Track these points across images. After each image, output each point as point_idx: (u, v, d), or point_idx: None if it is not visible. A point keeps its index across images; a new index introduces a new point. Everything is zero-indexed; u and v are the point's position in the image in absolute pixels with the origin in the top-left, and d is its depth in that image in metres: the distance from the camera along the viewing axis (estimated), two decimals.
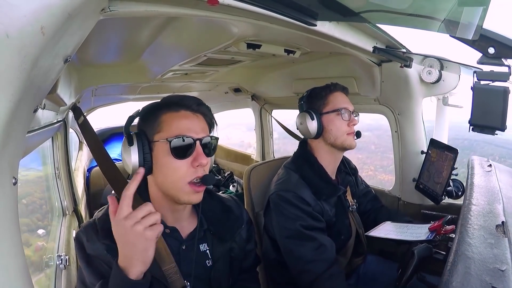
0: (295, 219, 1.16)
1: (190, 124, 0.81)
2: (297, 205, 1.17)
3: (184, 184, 0.79)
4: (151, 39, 1.12)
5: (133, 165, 0.79)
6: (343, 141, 1.23)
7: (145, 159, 0.79)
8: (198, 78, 2.08)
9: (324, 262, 1.13)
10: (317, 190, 1.22)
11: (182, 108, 0.82)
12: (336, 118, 1.23)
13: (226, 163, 3.39)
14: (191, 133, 0.80)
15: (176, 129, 0.79)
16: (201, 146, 0.81)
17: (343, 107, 1.24)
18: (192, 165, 0.79)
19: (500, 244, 0.72)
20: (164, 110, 0.82)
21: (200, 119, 0.84)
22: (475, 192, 1.03)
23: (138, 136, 0.80)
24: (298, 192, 1.18)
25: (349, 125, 1.23)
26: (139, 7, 0.53)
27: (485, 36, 0.80)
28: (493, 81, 0.93)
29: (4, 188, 0.38)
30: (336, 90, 1.28)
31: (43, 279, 1.31)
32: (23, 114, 0.44)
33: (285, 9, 0.65)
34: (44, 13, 0.34)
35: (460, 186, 1.39)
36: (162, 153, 0.79)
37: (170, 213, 0.86)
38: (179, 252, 0.85)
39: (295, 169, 1.28)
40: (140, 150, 0.79)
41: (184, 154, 0.79)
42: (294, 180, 1.24)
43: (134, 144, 0.78)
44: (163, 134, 0.79)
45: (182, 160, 0.79)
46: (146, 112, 0.85)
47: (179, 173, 0.79)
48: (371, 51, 1.15)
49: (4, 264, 0.37)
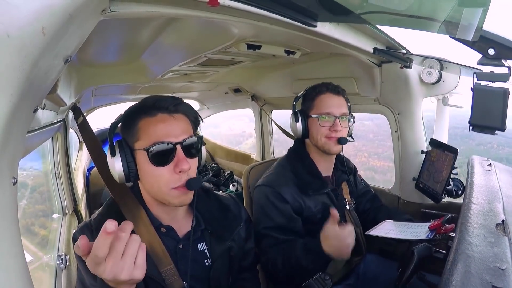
0: (265, 217, 1.20)
1: (167, 128, 0.77)
2: (273, 202, 1.20)
3: (169, 190, 0.78)
4: (151, 39, 1.12)
5: (119, 176, 0.77)
6: (322, 144, 1.25)
7: (129, 168, 0.77)
8: (198, 78, 2.08)
9: (280, 256, 1.14)
10: (304, 184, 1.25)
11: (158, 111, 0.78)
12: (318, 122, 1.24)
13: (226, 162, 3.39)
14: (170, 138, 0.77)
15: (153, 136, 0.76)
16: (182, 149, 0.77)
17: (326, 112, 1.24)
18: (175, 171, 0.77)
19: (500, 243, 0.72)
20: (141, 116, 0.79)
21: (179, 120, 0.80)
22: (475, 191, 1.03)
23: (120, 145, 0.78)
24: (278, 189, 1.21)
25: (330, 129, 1.23)
26: (140, 8, 0.53)
27: (485, 37, 0.80)
28: (493, 82, 0.93)
29: (4, 188, 0.38)
30: (323, 92, 1.27)
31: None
32: (23, 114, 0.44)
33: (285, 11, 0.65)
34: (45, 14, 0.34)
35: (460, 185, 1.39)
36: (144, 162, 0.77)
37: (165, 213, 0.86)
38: (176, 251, 0.85)
39: (287, 163, 1.32)
40: (123, 160, 0.77)
41: (164, 161, 0.76)
42: (280, 175, 1.27)
43: (117, 154, 0.77)
44: (141, 143, 0.77)
45: (164, 167, 0.76)
46: (125, 118, 0.82)
47: (162, 180, 0.77)
48: (371, 52, 1.15)
49: (4, 264, 0.37)
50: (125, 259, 0.57)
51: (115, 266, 0.56)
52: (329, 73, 1.73)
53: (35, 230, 1.57)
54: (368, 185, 1.55)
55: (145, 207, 0.85)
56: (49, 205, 1.69)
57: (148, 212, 0.85)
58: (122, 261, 0.57)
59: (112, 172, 0.79)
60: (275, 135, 2.76)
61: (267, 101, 2.50)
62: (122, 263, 0.57)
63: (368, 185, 1.55)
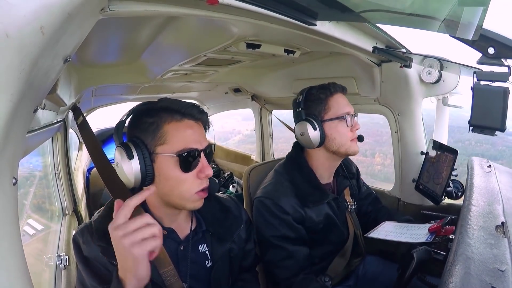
0: (268, 227, 1.16)
1: (194, 135, 0.79)
2: (274, 213, 1.15)
3: (191, 195, 0.79)
4: (150, 39, 1.12)
5: (136, 179, 0.75)
6: (347, 148, 1.18)
7: (147, 172, 0.75)
8: (198, 78, 2.08)
9: (288, 270, 1.14)
10: (303, 195, 1.19)
11: (185, 117, 0.79)
12: (340, 125, 1.17)
13: (225, 163, 3.39)
14: (196, 145, 0.78)
15: (182, 141, 0.76)
16: (205, 155, 0.80)
17: (346, 112, 1.17)
18: (199, 177, 0.79)
19: (500, 245, 0.72)
20: (166, 119, 0.78)
21: (201, 128, 0.83)
22: (475, 192, 1.03)
23: (137, 146, 0.75)
24: (277, 200, 1.15)
25: (352, 130, 1.18)
26: (139, 7, 0.53)
27: (485, 36, 0.80)
28: (493, 81, 0.93)
29: (4, 188, 0.38)
30: (336, 91, 1.20)
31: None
32: (23, 114, 0.44)
33: (284, 9, 0.65)
34: (43, 13, 0.34)
35: (460, 187, 1.39)
36: (167, 166, 0.76)
37: (167, 216, 0.86)
38: (177, 253, 0.85)
39: (285, 172, 1.25)
40: (141, 163, 0.74)
41: (191, 166, 0.78)
42: (279, 185, 1.21)
43: (135, 157, 0.74)
44: (168, 147, 0.76)
45: (189, 173, 0.78)
46: (141, 118, 0.79)
47: (186, 185, 0.78)
48: (371, 51, 1.15)
49: (4, 264, 0.37)
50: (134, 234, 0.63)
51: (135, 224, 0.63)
52: (329, 72, 1.73)
53: (45, 207, 1.81)
54: (369, 188, 1.55)
55: (146, 209, 0.84)
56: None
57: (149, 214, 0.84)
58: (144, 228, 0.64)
59: (124, 174, 0.75)
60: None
61: (267, 101, 2.50)
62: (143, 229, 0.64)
63: (370, 188, 1.55)
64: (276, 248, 1.15)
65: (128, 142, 0.77)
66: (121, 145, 0.76)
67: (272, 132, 2.74)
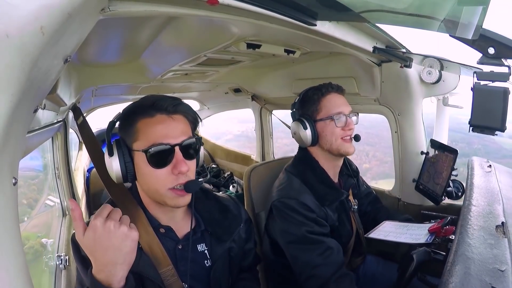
0: (300, 225, 1.13)
1: (166, 130, 0.77)
2: (301, 212, 1.13)
3: (166, 191, 0.78)
4: (151, 39, 1.12)
5: (117, 176, 0.78)
6: (338, 146, 1.19)
7: (127, 169, 0.77)
8: (198, 78, 2.08)
9: (331, 266, 1.09)
10: (320, 196, 1.18)
11: (157, 112, 0.78)
12: (331, 125, 1.18)
13: (226, 163, 3.39)
14: (168, 139, 0.76)
15: (152, 137, 0.76)
16: (181, 150, 0.77)
17: (337, 112, 1.18)
18: (173, 173, 0.77)
19: (500, 245, 0.72)
20: (140, 116, 0.78)
21: (178, 121, 0.80)
22: (475, 192, 1.03)
23: (118, 145, 0.78)
24: (301, 199, 1.15)
25: (344, 129, 1.18)
26: (139, 7, 0.53)
27: (485, 36, 0.80)
28: (493, 81, 0.93)
29: (4, 188, 0.38)
30: (328, 92, 1.21)
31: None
32: (23, 114, 0.44)
33: (285, 9, 0.65)
34: (43, 13, 0.34)
35: (460, 187, 1.39)
36: (142, 163, 0.77)
37: (163, 214, 0.86)
38: (175, 252, 0.85)
39: (296, 173, 1.24)
40: (121, 160, 0.77)
41: (163, 162, 0.76)
42: (296, 185, 1.20)
43: (115, 154, 0.76)
44: (140, 144, 0.77)
45: (162, 169, 0.76)
46: (123, 117, 0.81)
47: (160, 181, 0.77)
48: (371, 51, 1.15)
49: (4, 264, 0.37)
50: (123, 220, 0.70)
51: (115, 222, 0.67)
52: (329, 72, 1.73)
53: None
54: (369, 187, 1.55)
55: (144, 208, 0.85)
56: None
57: (146, 213, 0.84)
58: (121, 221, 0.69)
59: (109, 172, 0.78)
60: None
61: (267, 101, 2.50)
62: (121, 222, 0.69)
63: (370, 187, 1.55)
64: (313, 243, 1.12)
65: (114, 141, 0.79)
66: (107, 143, 0.79)
67: (272, 132, 2.74)
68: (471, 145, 6.62)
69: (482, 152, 6.51)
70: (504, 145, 8.07)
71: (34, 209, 1.76)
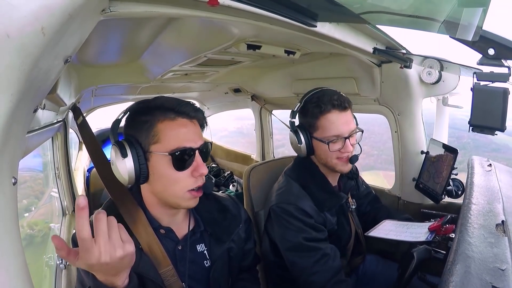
0: (297, 232, 1.12)
1: (188, 134, 0.78)
2: (299, 217, 1.13)
3: (184, 193, 0.79)
4: (151, 39, 1.12)
5: (129, 177, 0.76)
6: (333, 165, 1.17)
7: (141, 170, 0.76)
8: (198, 78, 2.08)
9: (328, 272, 1.10)
10: (319, 202, 1.17)
11: (178, 115, 0.78)
12: (325, 146, 1.13)
13: (226, 163, 3.39)
14: (191, 143, 0.78)
15: (176, 140, 0.76)
16: (200, 154, 0.79)
17: (334, 135, 1.12)
18: (193, 175, 0.79)
19: (500, 243, 0.72)
20: (159, 117, 0.78)
21: (196, 126, 0.82)
22: (475, 191, 1.03)
23: (131, 145, 0.76)
24: (300, 204, 1.14)
25: (341, 151, 1.14)
26: (139, 8, 0.53)
27: (485, 37, 0.80)
28: (493, 82, 0.93)
29: (4, 188, 0.38)
30: (328, 110, 1.12)
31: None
32: (23, 114, 0.44)
33: (285, 10, 0.65)
34: (44, 14, 0.34)
35: (460, 186, 1.39)
36: (161, 165, 0.77)
37: (165, 215, 0.86)
38: (175, 252, 0.85)
39: (296, 178, 1.22)
40: (135, 161, 0.75)
41: (184, 165, 0.77)
42: (295, 190, 1.18)
43: (129, 156, 0.75)
44: (161, 146, 0.76)
45: (183, 171, 0.77)
46: (136, 116, 0.80)
47: (180, 184, 0.78)
48: (371, 52, 1.15)
49: (4, 264, 0.37)
50: (112, 235, 0.61)
51: (107, 244, 0.59)
52: (329, 73, 1.73)
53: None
54: (369, 186, 1.55)
55: (144, 209, 0.85)
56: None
57: (147, 213, 0.84)
58: (111, 238, 0.60)
59: (118, 172, 0.76)
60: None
61: (267, 101, 2.50)
62: (112, 240, 0.60)
63: (369, 187, 1.55)
64: (310, 250, 1.11)
65: (123, 141, 0.77)
66: (116, 143, 0.77)
67: (272, 132, 2.74)
68: (460, 139, 6.67)
69: (471, 146, 6.50)
70: (494, 139, 8.07)
71: (41, 200, 1.87)
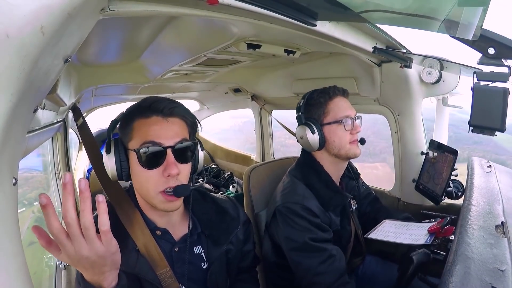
0: (303, 232, 1.12)
1: (159, 131, 0.76)
2: (306, 217, 1.12)
3: (156, 194, 0.77)
4: (151, 39, 1.12)
5: (112, 174, 0.79)
6: (347, 151, 1.18)
7: (122, 167, 0.78)
8: (198, 78, 2.08)
9: (333, 274, 1.09)
10: (325, 201, 1.18)
11: (153, 113, 0.78)
12: (339, 129, 1.17)
13: (226, 163, 3.39)
14: (161, 140, 0.76)
15: (145, 137, 0.76)
16: (173, 153, 0.76)
17: (345, 115, 1.17)
18: (163, 175, 0.76)
19: (500, 244, 0.72)
20: (137, 116, 0.79)
21: (174, 124, 0.79)
22: (474, 192, 1.03)
23: (116, 143, 0.79)
24: (306, 204, 1.14)
25: (352, 133, 1.18)
26: (139, 7, 0.53)
27: (485, 37, 0.80)
28: (493, 81, 0.93)
29: (4, 188, 0.38)
30: (335, 95, 1.20)
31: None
32: (23, 114, 0.44)
33: (285, 9, 0.65)
34: (43, 13, 0.34)
35: (460, 187, 1.39)
36: (134, 163, 0.77)
37: (159, 216, 0.86)
38: (172, 254, 0.85)
39: (301, 177, 1.22)
40: (117, 159, 0.77)
41: (154, 163, 0.75)
42: (301, 190, 1.18)
43: (111, 152, 0.78)
44: (133, 143, 0.77)
45: (154, 170, 0.76)
46: (123, 117, 0.82)
47: (150, 182, 0.76)
48: (371, 51, 1.15)
49: (4, 264, 0.37)
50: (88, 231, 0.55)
51: (80, 238, 0.55)
52: (329, 73, 1.73)
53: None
54: (369, 187, 1.55)
55: (140, 210, 0.85)
56: None
57: (143, 215, 0.85)
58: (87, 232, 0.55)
59: (106, 169, 0.79)
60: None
61: (267, 101, 2.50)
62: (88, 236, 0.55)
63: (369, 188, 1.55)
64: (315, 251, 1.11)
65: (111, 139, 0.80)
66: (107, 141, 0.80)
67: (272, 132, 2.74)
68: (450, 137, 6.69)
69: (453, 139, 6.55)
70: None
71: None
